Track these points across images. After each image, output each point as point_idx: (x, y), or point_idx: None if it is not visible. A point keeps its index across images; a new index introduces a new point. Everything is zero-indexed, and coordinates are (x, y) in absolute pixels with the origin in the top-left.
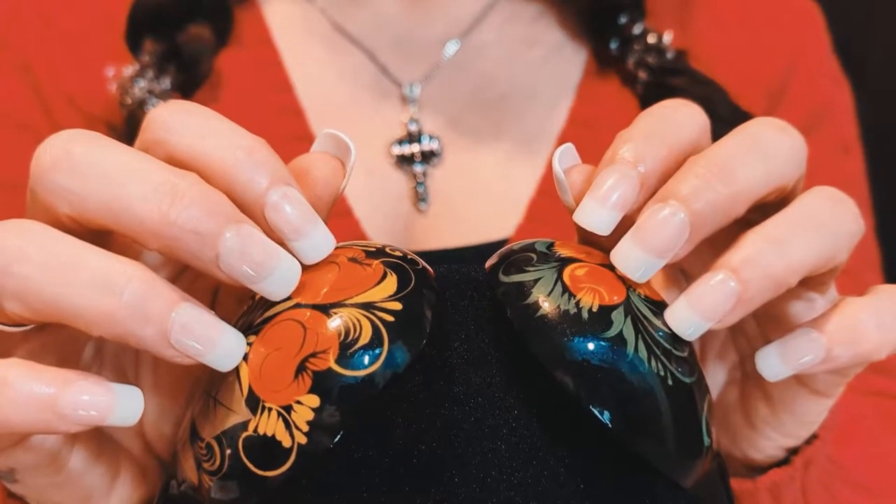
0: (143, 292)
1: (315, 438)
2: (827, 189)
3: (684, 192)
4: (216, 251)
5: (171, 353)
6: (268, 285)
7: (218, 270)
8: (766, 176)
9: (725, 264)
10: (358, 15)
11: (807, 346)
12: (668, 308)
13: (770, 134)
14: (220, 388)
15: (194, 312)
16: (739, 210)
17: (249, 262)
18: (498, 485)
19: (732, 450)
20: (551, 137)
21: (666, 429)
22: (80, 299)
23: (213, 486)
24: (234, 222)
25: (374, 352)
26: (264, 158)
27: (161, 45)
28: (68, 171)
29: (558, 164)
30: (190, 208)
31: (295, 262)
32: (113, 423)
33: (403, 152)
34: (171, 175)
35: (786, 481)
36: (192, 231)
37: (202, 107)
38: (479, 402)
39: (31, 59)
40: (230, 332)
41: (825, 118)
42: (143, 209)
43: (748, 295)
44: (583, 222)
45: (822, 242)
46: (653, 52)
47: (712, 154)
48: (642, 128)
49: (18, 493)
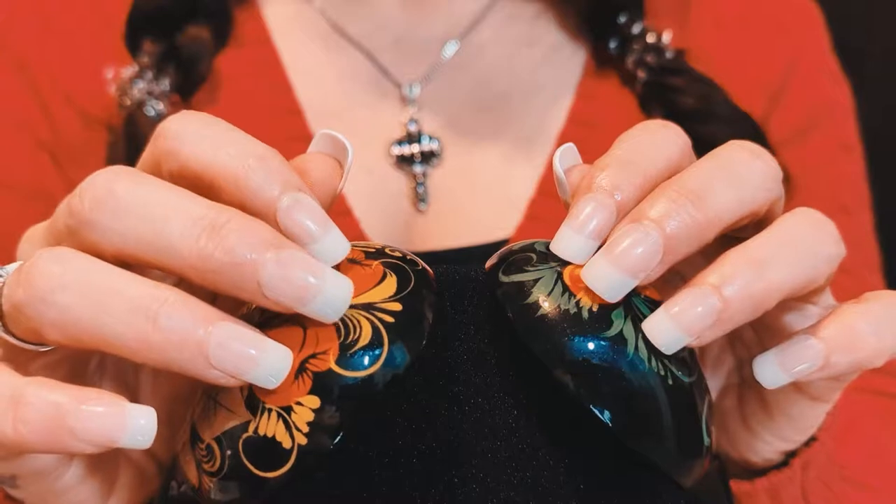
0: (175, 314)
1: (315, 439)
2: (808, 211)
3: (657, 213)
4: (257, 280)
5: (214, 374)
6: (318, 307)
7: (263, 298)
8: (739, 202)
9: (707, 281)
10: (357, 15)
11: (805, 353)
12: (647, 319)
13: (743, 158)
14: (221, 389)
15: (231, 330)
16: (710, 236)
17: (294, 286)
18: (498, 485)
19: (730, 452)
20: (551, 137)
21: (666, 428)
22: (116, 327)
23: (213, 487)
24: (273, 248)
25: (374, 352)
26: (276, 167)
27: (160, 46)
28: (112, 211)
29: (559, 163)
30: (226, 240)
31: (344, 279)
32: (124, 445)
33: (403, 152)
34: (210, 210)
35: (784, 483)
36: (230, 263)
37: (213, 117)
38: (478, 403)
39: (29, 59)
40: (272, 346)
41: (825, 118)
42: (183, 246)
43: (728, 314)
44: (559, 252)
45: (802, 266)
46: (652, 51)
47: (685, 178)
48: (619, 154)
49: (18, 497)
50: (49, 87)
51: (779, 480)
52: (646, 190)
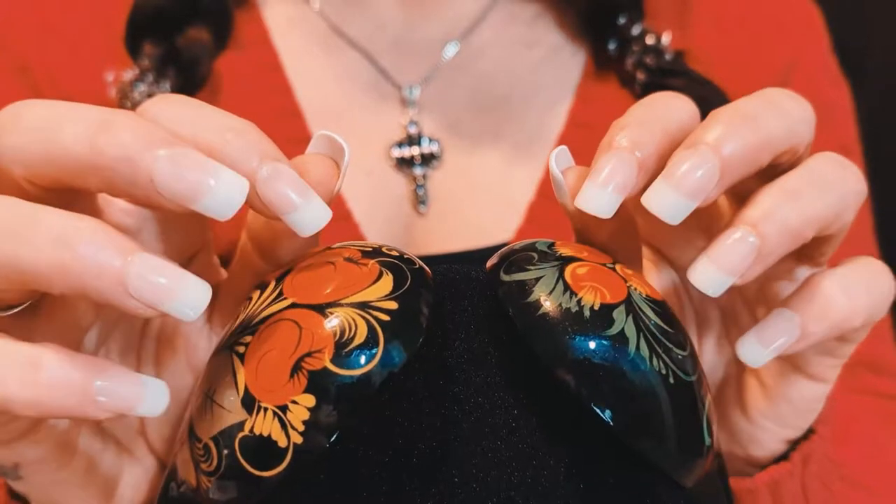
0: (96, 243)
1: (311, 438)
2: (831, 154)
3: (713, 137)
4: (149, 174)
5: (132, 303)
6: (210, 204)
7: (157, 196)
8: (787, 130)
9: (744, 220)
10: (357, 17)
11: (781, 326)
12: (690, 268)
13: (785, 97)
14: (217, 387)
15: (153, 261)
16: (764, 159)
17: (186, 180)
18: (498, 484)
19: (733, 448)
20: (550, 139)
21: (667, 427)
22: (35, 255)
23: (210, 486)
24: (166, 144)
25: (370, 351)
26: (254, 139)
27: (160, 48)
28: (14, 131)
29: (555, 165)
30: (119, 136)
31: (238, 177)
32: (140, 413)
33: (403, 155)
34: (105, 112)
35: (785, 478)
36: (122, 158)
37: (190, 98)
38: (479, 402)
39: (30, 61)
40: (191, 279)
41: (824, 119)
42: (76, 147)
43: (767, 249)
44: (585, 206)
45: (832, 197)
46: (651, 53)
47: (739, 105)
48: (636, 116)
49: (21, 493)
50: (50, 89)
51: (779, 475)
52: (664, 147)
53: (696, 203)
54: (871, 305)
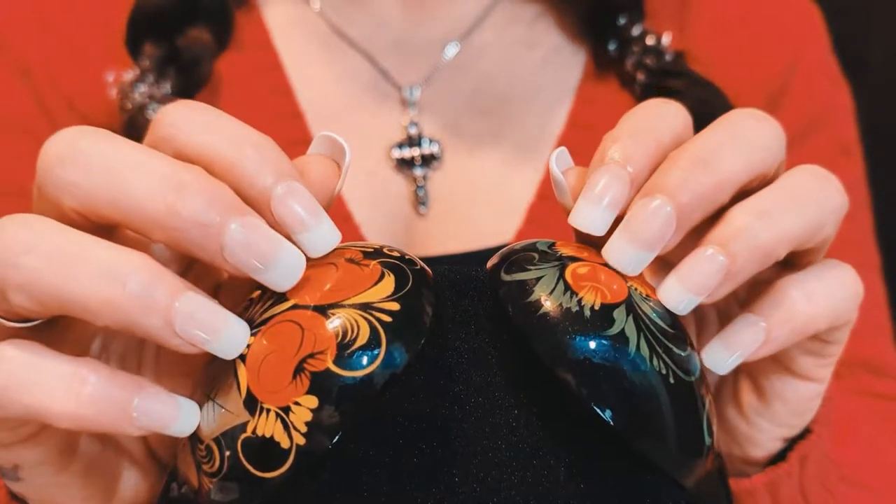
0: (147, 281)
1: (314, 439)
2: (811, 166)
3: (670, 185)
4: (220, 242)
5: (176, 342)
6: (273, 276)
7: (223, 261)
8: (747, 164)
9: (713, 239)
10: (357, 18)
11: (746, 331)
12: (660, 286)
13: (748, 123)
14: (219, 389)
15: (199, 301)
16: (724, 198)
17: (254, 252)
18: (498, 484)
19: (732, 448)
20: (551, 140)
21: (667, 427)
22: (84, 289)
23: (212, 487)
24: (238, 213)
25: (372, 352)
26: (271, 155)
27: (161, 49)
28: (73, 165)
29: (555, 166)
30: (194, 199)
31: (299, 253)
32: (172, 433)
33: (403, 156)
34: (177, 168)
35: (783, 478)
36: (195, 222)
37: (210, 106)
38: (479, 402)
39: (30, 63)
40: (234, 320)
41: (824, 120)
42: (148, 201)
43: (736, 267)
44: (578, 224)
45: (807, 214)
46: (651, 53)
47: (694, 146)
48: (628, 128)
49: (20, 494)
50: (50, 90)
51: (777, 476)
52: (656, 159)
53: (654, 253)
54: (833, 308)
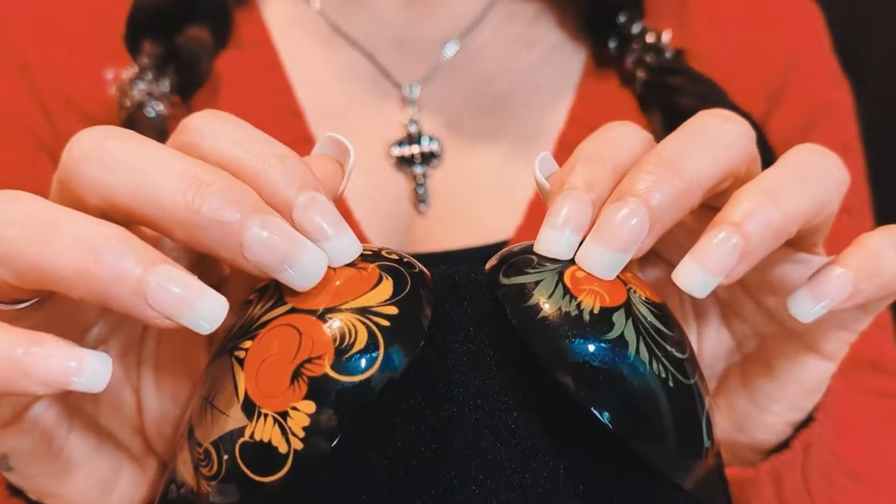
0: (120, 251)
1: (311, 444)
2: (809, 144)
3: (639, 188)
4: (240, 240)
5: (150, 313)
6: (294, 275)
7: (243, 260)
8: (714, 163)
9: (727, 219)
10: (357, 16)
11: (835, 281)
12: (676, 270)
13: (711, 122)
14: (217, 393)
15: (173, 273)
16: (695, 200)
17: (275, 251)
18: (497, 486)
19: (738, 436)
20: (551, 138)
21: (666, 430)
22: (60, 258)
23: (211, 490)
24: (258, 212)
25: (370, 356)
26: (295, 166)
27: (160, 47)
28: (99, 163)
29: (539, 172)
30: (214, 198)
31: (320, 252)
32: (79, 388)
33: (403, 153)
34: (199, 168)
35: (787, 466)
36: (216, 220)
37: (236, 117)
38: (478, 404)
39: (29, 60)
40: (210, 294)
41: (824, 118)
42: (169, 199)
43: (751, 247)
44: (544, 251)
45: (814, 190)
46: (651, 51)
47: (660, 150)
48: (587, 153)
49: (17, 484)
50: (49, 88)
51: (781, 463)
52: (616, 181)
53: (628, 255)
54: None
